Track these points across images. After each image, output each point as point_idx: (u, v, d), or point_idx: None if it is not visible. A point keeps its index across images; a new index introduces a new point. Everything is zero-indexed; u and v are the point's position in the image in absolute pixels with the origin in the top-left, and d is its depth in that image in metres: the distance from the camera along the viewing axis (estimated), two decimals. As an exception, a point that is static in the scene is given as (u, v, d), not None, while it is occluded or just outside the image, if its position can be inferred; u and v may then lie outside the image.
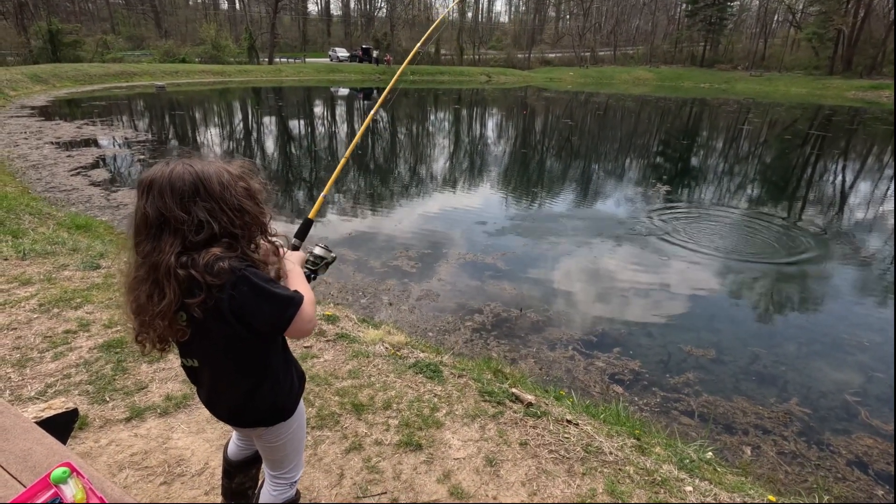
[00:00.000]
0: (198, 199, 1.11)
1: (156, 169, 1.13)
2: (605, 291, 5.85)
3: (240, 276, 1.10)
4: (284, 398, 1.41)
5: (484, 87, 41.90)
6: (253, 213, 1.22)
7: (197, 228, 1.11)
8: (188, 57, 39.44)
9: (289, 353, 1.45)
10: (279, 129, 18.70)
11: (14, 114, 16.22)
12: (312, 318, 1.24)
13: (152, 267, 1.10)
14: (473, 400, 2.63)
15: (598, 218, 8.45)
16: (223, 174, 1.18)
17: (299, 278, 1.33)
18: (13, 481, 1.28)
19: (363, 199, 9.46)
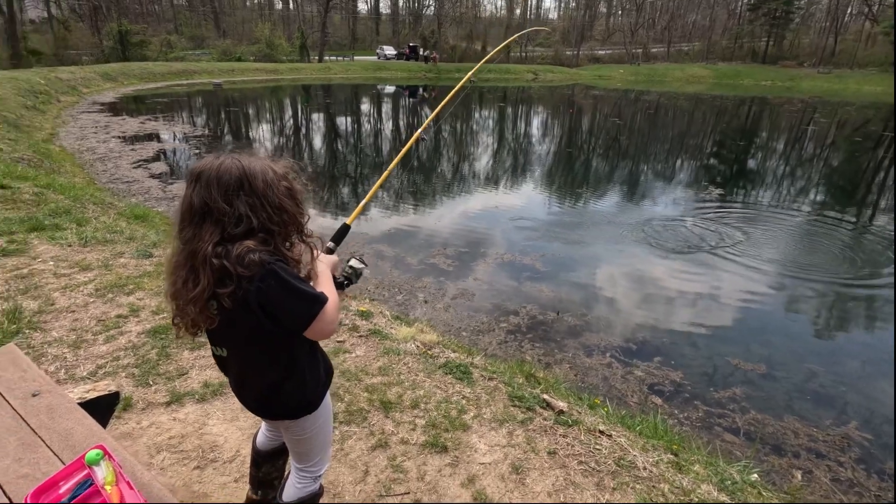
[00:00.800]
0: (241, 194, 1.15)
1: (206, 160, 1.18)
2: (648, 297, 5.62)
3: (269, 269, 1.12)
4: (310, 392, 1.42)
5: (530, 84, 41.35)
6: (292, 212, 1.24)
7: (237, 221, 1.14)
8: (243, 55, 41.07)
9: (317, 348, 1.46)
10: (327, 125, 19.16)
11: (85, 109, 17.40)
12: (334, 319, 1.24)
13: (191, 254, 1.14)
14: (503, 404, 2.58)
15: (644, 220, 8.14)
16: (268, 172, 1.21)
17: (327, 281, 1.35)
18: (54, 458, 1.35)
19: (405, 196, 9.53)
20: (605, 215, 8.40)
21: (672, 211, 8.80)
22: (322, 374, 1.46)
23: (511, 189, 10.28)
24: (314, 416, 1.45)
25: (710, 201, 9.41)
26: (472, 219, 8.07)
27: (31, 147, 9.40)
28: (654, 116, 24.61)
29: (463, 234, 7.32)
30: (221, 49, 42.22)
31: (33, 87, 17.52)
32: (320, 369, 1.45)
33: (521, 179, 11.22)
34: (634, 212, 8.76)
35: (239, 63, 38.01)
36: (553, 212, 8.65)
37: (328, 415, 1.53)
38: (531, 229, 7.61)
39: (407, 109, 26.01)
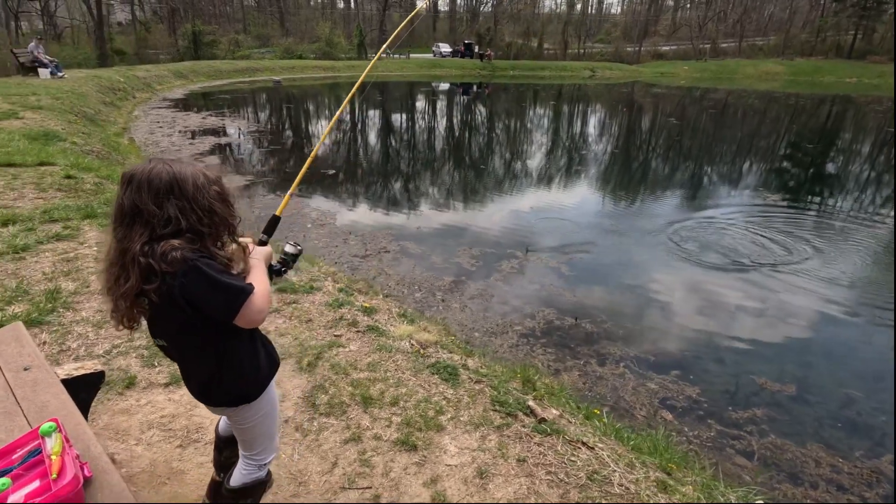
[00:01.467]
0: (171, 197, 1.23)
1: (139, 165, 1.27)
2: (678, 308, 5.37)
3: (191, 265, 1.20)
4: (249, 383, 1.49)
5: (586, 82, 40.25)
6: (222, 214, 1.33)
7: (165, 222, 1.22)
8: (304, 53, 42.66)
9: (258, 339, 1.52)
10: (380, 122, 19.57)
11: (156, 105, 18.75)
12: (263, 308, 1.31)
13: (122, 252, 1.23)
14: (482, 408, 2.58)
15: (693, 227, 7.75)
16: (199, 177, 1.29)
17: (259, 273, 1.42)
18: (27, 427, 1.51)
19: (439, 193, 9.60)
20: (649, 221, 8.06)
21: (728, 217, 8.30)
22: (263, 365, 1.52)
23: (551, 190, 10.09)
24: (254, 405, 1.52)
25: (773, 207, 8.81)
26: (504, 219, 8.02)
27: (102, 140, 10.26)
28: (719, 116, 23.27)
29: (492, 234, 7.29)
30: (284, 47, 44.08)
31: (113, 85, 19.07)
32: (260, 360, 1.51)
33: (562, 181, 10.99)
34: (684, 218, 8.34)
35: (298, 60, 39.53)
36: (591, 216, 8.41)
37: (271, 405, 1.60)
38: (563, 232, 7.46)
39: (460, 106, 26.08)
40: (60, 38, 40.52)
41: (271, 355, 1.59)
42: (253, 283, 1.34)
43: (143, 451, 2.14)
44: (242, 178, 9.68)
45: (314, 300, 3.58)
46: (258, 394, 1.52)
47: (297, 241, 1.68)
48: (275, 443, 1.70)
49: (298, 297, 3.60)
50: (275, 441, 1.70)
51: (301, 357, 2.86)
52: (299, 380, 2.70)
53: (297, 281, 3.87)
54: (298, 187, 1.92)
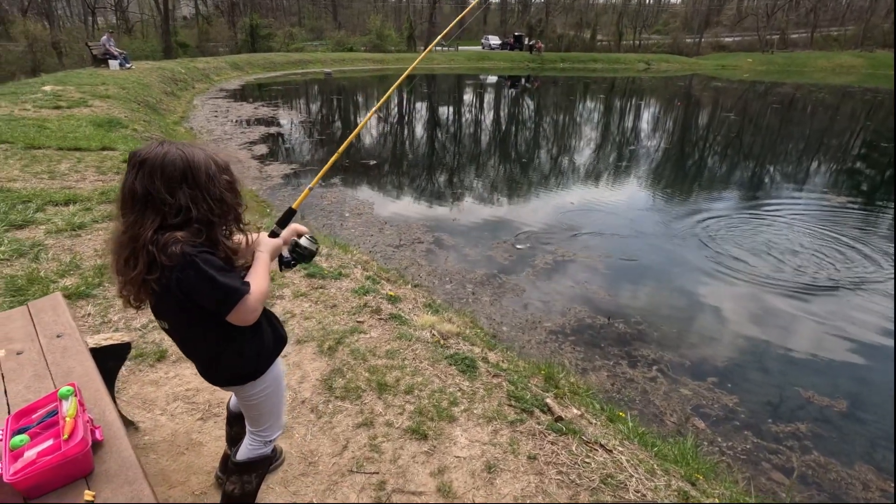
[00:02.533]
0: (184, 185, 1.24)
1: (150, 147, 1.27)
2: (720, 313, 5.10)
3: (189, 260, 1.21)
4: (251, 361, 1.51)
5: (640, 75, 38.75)
6: (231, 203, 1.34)
7: (177, 211, 1.24)
8: (355, 46, 43.36)
9: (262, 316, 1.51)
10: (425, 114, 19.66)
11: (213, 95, 19.60)
12: (256, 308, 1.32)
13: (133, 238, 1.25)
14: (497, 402, 2.54)
15: (738, 227, 7.33)
16: (211, 165, 1.30)
17: (261, 268, 1.42)
18: (53, 388, 1.61)
19: (478, 186, 9.53)
20: (698, 222, 7.67)
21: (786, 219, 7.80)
22: (268, 344, 1.54)
23: (595, 187, 9.79)
24: (259, 382, 1.55)
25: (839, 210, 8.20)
26: (543, 215, 7.85)
27: (161, 128, 10.84)
28: (785, 112, 21.84)
29: (529, 229, 7.16)
30: (336, 40, 44.96)
31: (174, 76, 20.09)
32: (264, 339, 1.52)
33: (608, 178, 10.65)
34: (736, 220, 7.90)
35: (349, 53, 40.24)
36: (636, 214, 8.09)
37: (277, 383, 1.62)
38: (605, 230, 7.22)
39: (506, 100, 25.77)
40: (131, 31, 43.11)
41: (277, 331, 1.61)
42: (251, 280, 1.34)
43: (167, 422, 2.25)
44: (288, 166, 9.97)
45: (341, 286, 3.64)
46: (262, 371, 1.55)
47: (313, 236, 1.67)
48: (281, 420, 1.73)
49: (326, 283, 3.66)
50: (281, 419, 1.73)
51: (323, 341, 2.91)
52: (319, 363, 2.75)
53: (326, 267, 3.95)
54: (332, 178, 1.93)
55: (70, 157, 6.80)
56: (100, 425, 1.44)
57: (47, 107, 10.13)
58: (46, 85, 13.00)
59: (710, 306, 5.19)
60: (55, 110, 9.93)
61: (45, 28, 34.54)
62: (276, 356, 1.60)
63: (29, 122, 8.52)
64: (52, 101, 10.73)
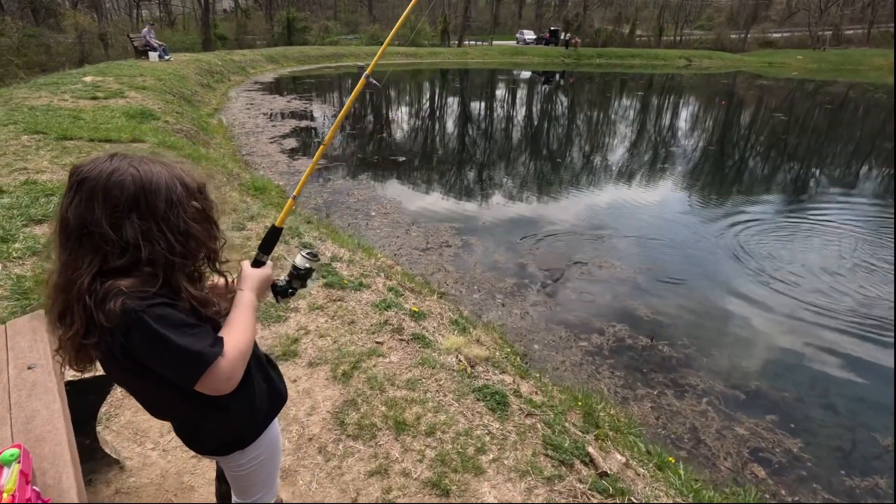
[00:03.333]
0: (133, 216, 0.92)
1: (95, 163, 0.95)
2: (778, 338, 4.59)
3: (134, 319, 0.89)
4: (238, 429, 1.22)
5: (681, 72, 37.28)
6: (201, 238, 1.02)
7: (121, 251, 0.92)
8: (389, 40, 43.25)
9: (254, 372, 1.21)
10: (456, 109, 19.29)
11: (247, 88, 19.73)
12: (232, 374, 0.98)
13: (66, 285, 0.94)
14: (532, 450, 2.20)
15: (791, 238, 6.73)
16: (176, 187, 0.98)
17: (242, 316, 1.08)
18: (8, 440, 1.36)
19: (509, 187, 9.13)
20: (747, 231, 7.10)
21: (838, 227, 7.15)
22: (261, 405, 1.24)
23: (632, 189, 9.25)
24: (249, 451, 1.26)
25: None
26: (577, 219, 7.41)
27: (193, 120, 10.83)
28: (836, 112, 20.53)
29: (563, 234, 6.74)
30: (370, 33, 44.94)
31: (211, 68, 20.30)
32: (255, 399, 1.22)
33: (645, 179, 10.07)
34: (788, 228, 7.29)
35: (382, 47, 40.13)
36: (677, 221, 7.56)
37: (272, 448, 1.33)
38: (644, 238, 6.74)
39: (539, 96, 25.14)
40: (173, 24, 44.18)
41: (274, 387, 1.30)
42: (226, 334, 1.02)
43: (158, 458, 2.00)
44: (316, 161, 9.79)
45: (361, 298, 3.36)
46: (253, 438, 1.25)
47: (313, 251, 1.34)
48: (274, 488, 1.45)
49: (345, 294, 3.39)
50: (274, 486, 1.44)
51: (337, 365, 2.63)
52: (332, 391, 2.47)
53: (346, 275, 3.67)
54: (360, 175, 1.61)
55: (100, 149, 6.75)
56: (49, 498, 1.18)
57: (85, 97, 10.24)
58: (87, 76, 13.23)
59: (765, 331, 4.69)
60: (92, 101, 10.02)
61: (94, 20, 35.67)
62: (273, 417, 1.31)
63: (65, 113, 8.58)
64: (90, 91, 10.85)
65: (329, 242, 4.55)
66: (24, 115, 7.86)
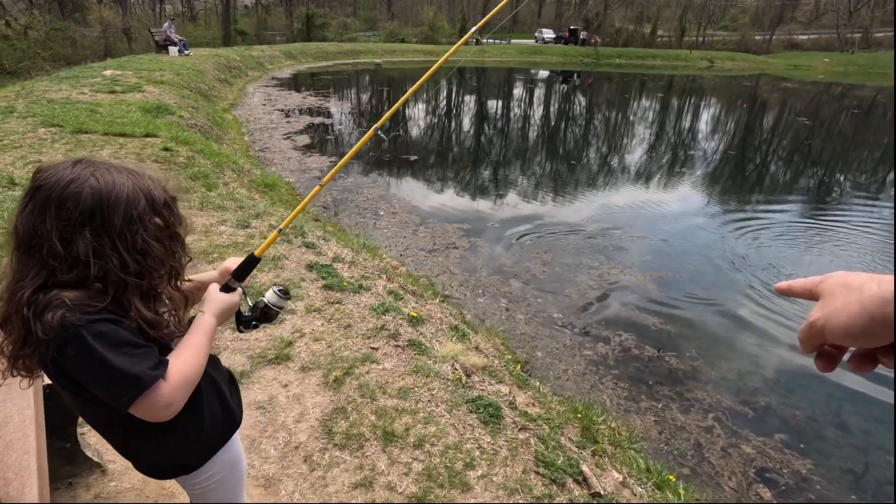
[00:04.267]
0: (86, 230, 0.87)
1: (56, 169, 0.90)
2: (791, 354, 4.44)
3: (71, 335, 0.84)
4: (179, 457, 1.14)
5: (702, 73, 36.60)
6: (159, 257, 0.96)
7: (70, 266, 0.88)
8: (406, 37, 43.25)
9: (205, 391, 1.13)
10: (472, 108, 19.19)
11: (264, 83, 19.87)
12: (172, 401, 0.93)
13: (10, 295, 0.90)
14: (523, 467, 2.13)
15: (812, 248, 6.53)
16: (139, 201, 0.92)
17: (197, 336, 1.03)
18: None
19: (522, 189, 9.03)
20: (766, 239, 6.91)
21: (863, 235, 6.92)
22: (210, 430, 1.16)
23: (648, 193, 9.08)
24: (200, 472, 1.19)
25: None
26: (590, 223, 7.28)
27: (209, 115, 10.93)
28: (863, 117, 19.95)
29: (574, 239, 6.63)
30: (388, 31, 45.01)
31: (230, 63, 20.50)
32: (202, 425, 1.13)
33: (662, 183, 9.89)
34: (810, 237, 7.08)
35: (400, 44, 40.16)
36: (693, 226, 7.39)
37: (229, 467, 1.25)
38: (657, 244, 6.60)
39: (557, 95, 24.90)
40: (195, 19, 44.76)
41: (228, 411, 1.22)
42: (175, 358, 0.97)
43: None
44: (329, 158, 9.80)
45: (359, 301, 3.31)
46: (200, 462, 1.18)
47: (285, 288, 1.29)
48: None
49: (344, 297, 3.35)
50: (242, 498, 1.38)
51: (329, 371, 2.59)
52: (322, 397, 2.43)
53: (347, 276, 3.64)
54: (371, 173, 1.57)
55: (113, 143, 6.83)
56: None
57: (103, 91, 10.39)
58: (107, 70, 13.43)
59: (779, 345, 4.54)
60: (109, 95, 10.16)
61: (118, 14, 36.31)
62: (226, 440, 1.22)
63: (82, 106, 8.70)
64: (108, 85, 11.01)
65: (333, 242, 4.52)
66: (43, 108, 7.99)
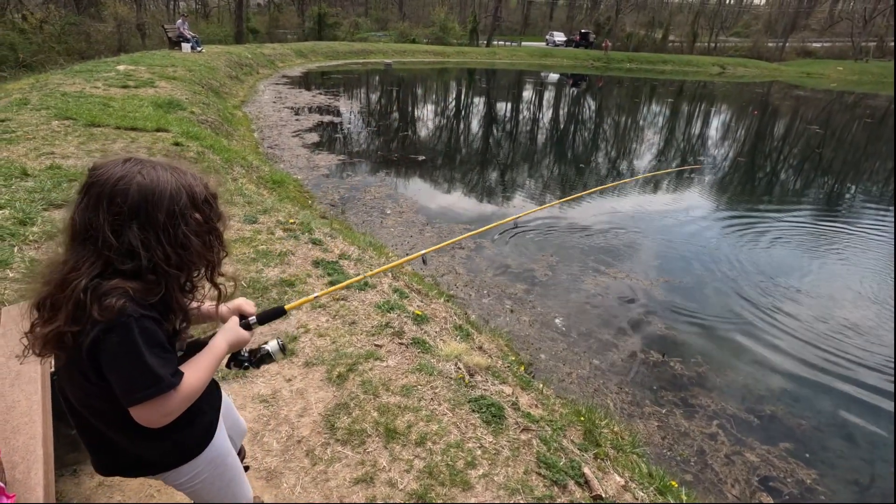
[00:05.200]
0: (134, 224, 0.94)
1: (107, 167, 0.96)
2: (797, 361, 4.40)
3: (121, 322, 0.91)
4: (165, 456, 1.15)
5: (713, 79, 36.39)
6: (199, 252, 1.03)
7: (124, 256, 0.94)
8: (417, 38, 43.34)
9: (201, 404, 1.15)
10: (481, 110, 19.19)
11: (275, 81, 19.98)
12: (172, 411, 0.99)
13: (62, 282, 0.94)
14: (524, 467, 2.12)
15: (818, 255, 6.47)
16: (181, 197, 0.99)
17: (208, 359, 1.10)
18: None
19: (529, 191, 9.01)
20: (773, 245, 6.86)
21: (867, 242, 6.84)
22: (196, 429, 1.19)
23: (655, 198, 9.04)
24: (180, 473, 1.19)
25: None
26: (596, 227, 7.24)
27: (219, 112, 11.00)
28: (876, 126, 19.75)
29: (580, 242, 6.61)
30: (399, 31, 45.11)
31: (241, 60, 20.63)
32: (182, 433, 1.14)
33: (670, 188, 9.83)
34: (817, 245, 7.01)
35: (411, 45, 40.23)
36: (700, 232, 7.35)
37: (216, 465, 1.24)
38: (663, 249, 6.56)
39: (567, 98, 24.84)
40: (208, 16, 45.07)
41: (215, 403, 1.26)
42: (188, 370, 1.03)
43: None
44: (337, 157, 9.84)
45: (364, 299, 3.32)
46: (182, 462, 1.17)
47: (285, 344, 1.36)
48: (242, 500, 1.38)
49: (349, 294, 3.36)
50: (240, 498, 1.37)
51: (333, 366, 2.60)
52: (325, 392, 2.43)
53: (353, 274, 3.64)
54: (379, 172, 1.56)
55: (125, 137, 6.89)
56: (14, 493, 1.16)
57: (116, 86, 10.48)
58: (121, 64, 13.55)
59: (786, 353, 4.49)
60: (122, 89, 10.26)
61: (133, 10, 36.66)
62: (210, 436, 1.23)
63: (95, 100, 8.79)
64: (122, 80, 11.11)
65: (340, 239, 4.53)
66: (57, 101, 8.07)
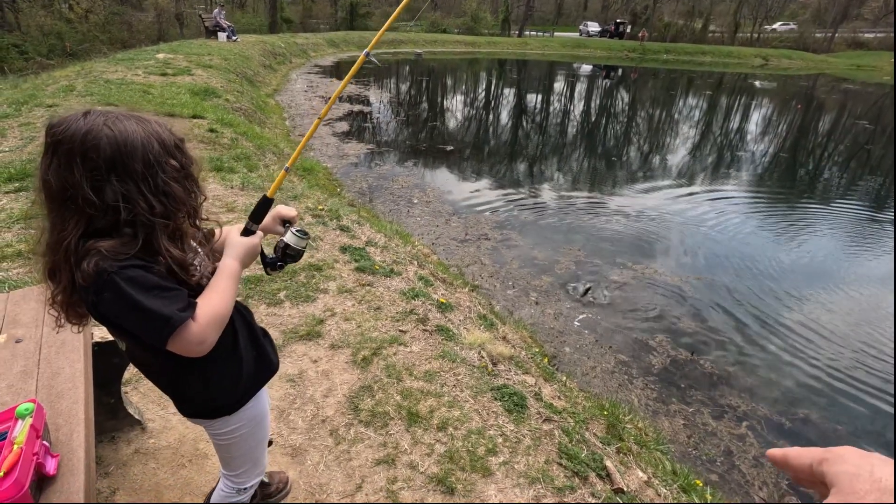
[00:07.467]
0: (113, 178, 0.92)
1: (68, 122, 0.93)
2: (834, 363, 4.24)
3: (105, 280, 0.91)
4: (219, 395, 1.23)
5: (755, 71, 34.96)
6: (180, 198, 1.01)
7: (104, 212, 0.93)
8: (448, 28, 43.08)
9: (244, 336, 1.24)
10: (511, 101, 18.99)
11: (307, 70, 20.22)
12: (204, 339, 1.00)
13: (55, 244, 0.96)
14: (545, 457, 2.12)
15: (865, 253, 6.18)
16: (153, 145, 0.97)
17: (223, 280, 1.09)
18: (33, 393, 1.43)
19: (558, 184, 8.89)
20: (815, 243, 6.60)
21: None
22: (247, 372, 1.24)
23: (689, 193, 8.79)
24: (230, 421, 1.26)
25: None
26: (625, 221, 7.10)
27: (252, 100, 11.22)
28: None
29: (608, 236, 6.50)
30: (431, 21, 44.90)
31: (274, 50, 20.95)
32: (242, 365, 1.23)
33: (705, 183, 9.53)
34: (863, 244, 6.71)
35: (441, 35, 40.05)
36: (736, 229, 7.11)
37: (256, 423, 1.32)
38: (696, 245, 6.38)
39: (599, 90, 24.33)
40: (243, 6, 45.83)
41: (264, 356, 1.31)
42: (203, 299, 1.03)
43: (177, 423, 2.07)
44: (366, 146, 9.91)
45: (390, 285, 3.35)
46: (235, 408, 1.26)
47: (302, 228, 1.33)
48: (260, 466, 1.45)
49: (375, 280, 3.39)
50: (260, 463, 1.44)
51: (358, 350, 2.64)
52: (350, 374, 2.48)
53: (378, 260, 3.68)
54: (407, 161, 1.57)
55: (163, 123, 7.11)
56: (58, 453, 1.23)
57: (155, 73, 10.80)
58: (160, 53, 13.95)
59: (822, 355, 4.33)
60: (161, 77, 10.56)
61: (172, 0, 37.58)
62: (259, 387, 1.31)
63: (136, 87, 9.08)
64: (161, 68, 11.44)
65: (367, 226, 4.58)
66: (100, 88, 8.38)
